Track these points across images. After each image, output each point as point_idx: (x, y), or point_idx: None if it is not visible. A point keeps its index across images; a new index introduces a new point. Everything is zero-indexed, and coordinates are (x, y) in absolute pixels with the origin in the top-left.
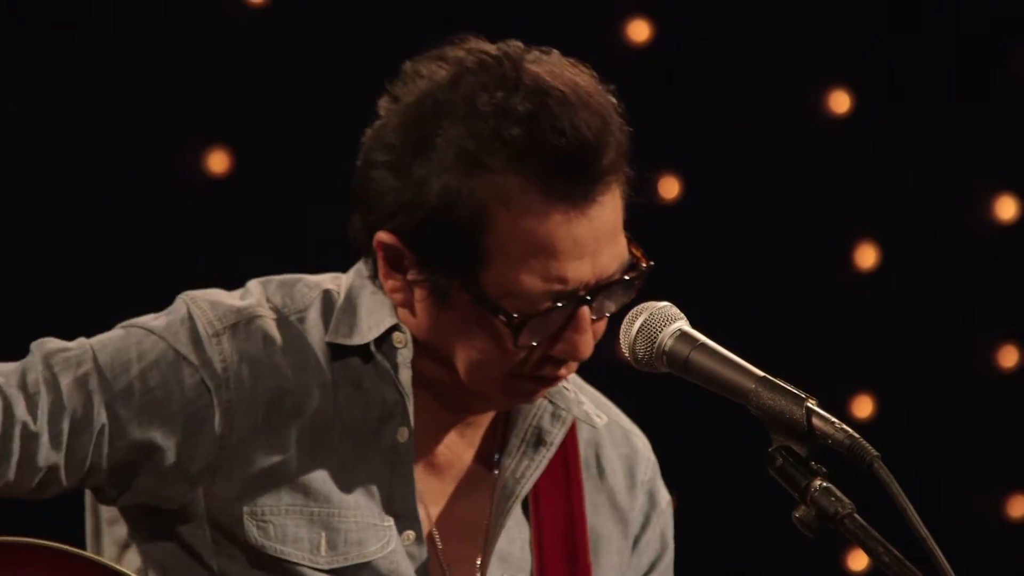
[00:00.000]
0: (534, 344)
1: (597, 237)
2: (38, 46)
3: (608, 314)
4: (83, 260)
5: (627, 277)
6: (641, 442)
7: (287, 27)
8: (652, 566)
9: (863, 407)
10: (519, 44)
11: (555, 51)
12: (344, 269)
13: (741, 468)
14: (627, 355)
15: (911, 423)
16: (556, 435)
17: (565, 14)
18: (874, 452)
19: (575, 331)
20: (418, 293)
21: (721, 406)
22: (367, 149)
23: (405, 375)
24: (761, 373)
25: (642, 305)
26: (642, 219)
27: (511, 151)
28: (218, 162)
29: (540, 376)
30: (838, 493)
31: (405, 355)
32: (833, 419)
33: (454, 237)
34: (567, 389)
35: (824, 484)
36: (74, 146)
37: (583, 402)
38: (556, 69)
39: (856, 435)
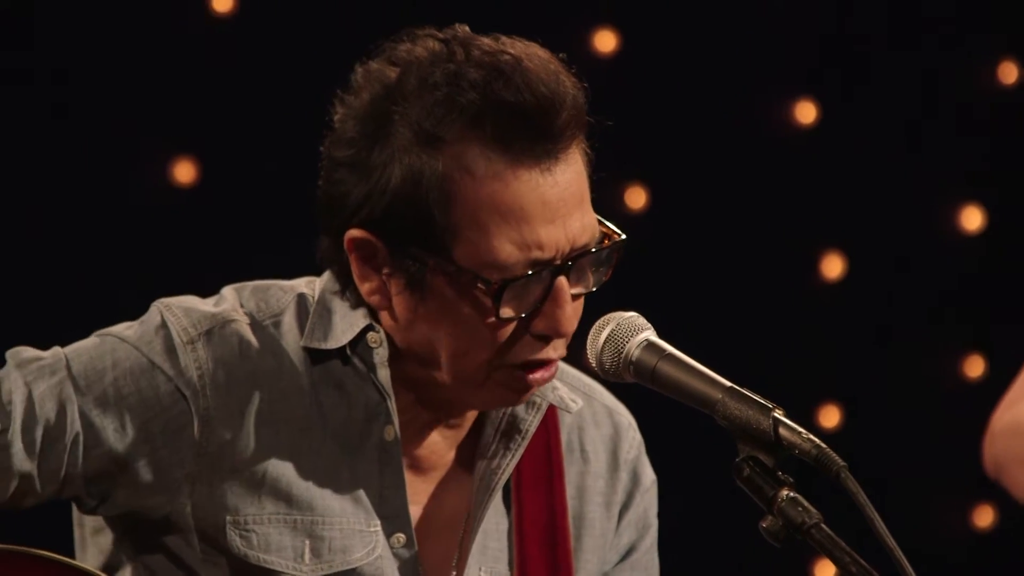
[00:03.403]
0: (514, 316)
1: (565, 199)
2: (3, 57)
3: (587, 291)
4: (52, 271)
5: (597, 250)
6: (625, 420)
7: (253, 36)
8: (633, 545)
9: (830, 417)
10: (466, 27)
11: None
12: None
13: (708, 478)
14: (594, 365)
15: (878, 433)
16: (531, 423)
17: (532, 24)
18: (841, 462)
19: (555, 304)
20: (395, 287)
21: (687, 415)
22: (327, 154)
23: (384, 374)
24: (728, 383)
25: (609, 315)
26: None
27: (467, 118)
28: (184, 172)
29: (526, 363)
30: (805, 503)
31: (381, 354)
32: (800, 429)
33: (422, 216)
34: None
35: (791, 494)
36: (41, 156)
37: (557, 387)
38: (505, 41)
39: (823, 445)
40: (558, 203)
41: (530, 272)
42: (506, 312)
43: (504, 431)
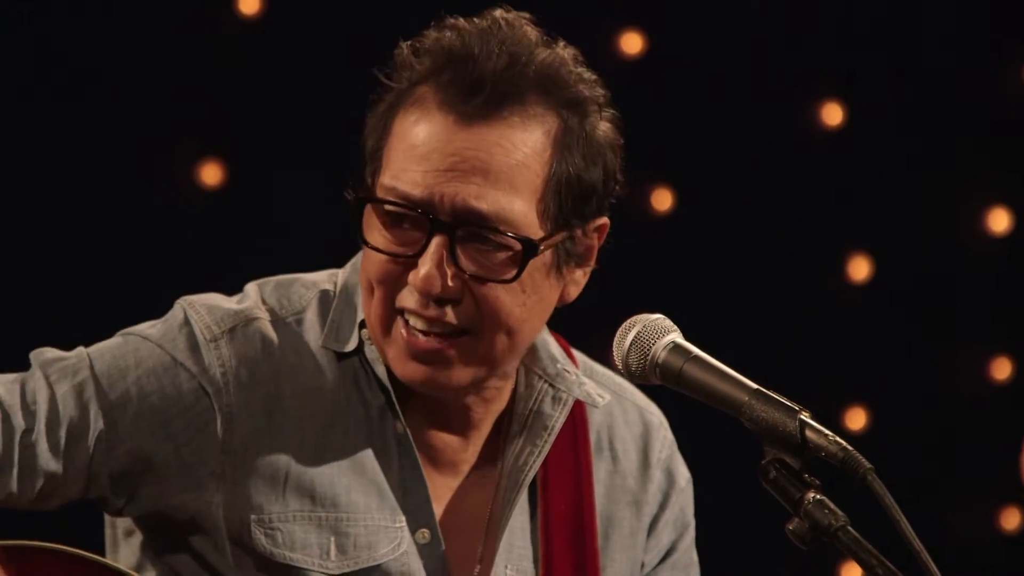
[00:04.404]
0: (376, 247)
1: (469, 160)
2: (31, 57)
3: (487, 277)
4: (78, 273)
5: (499, 230)
6: (656, 419)
7: (280, 38)
8: (674, 545)
9: (856, 419)
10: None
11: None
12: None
13: (733, 479)
14: (620, 367)
15: (904, 435)
16: (556, 419)
17: (558, 26)
18: (867, 465)
19: (425, 255)
20: None
21: (714, 418)
22: None
23: (381, 370)
24: (754, 386)
25: (636, 317)
26: (636, 231)
27: (431, 58)
28: (211, 175)
29: (405, 309)
30: (831, 506)
31: (375, 350)
32: (826, 432)
33: (373, 143)
34: (568, 372)
35: (818, 497)
36: (68, 158)
37: (584, 383)
38: (511, 19)
39: (849, 448)
40: (458, 160)
41: (392, 201)
42: (371, 238)
43: (530, 427)
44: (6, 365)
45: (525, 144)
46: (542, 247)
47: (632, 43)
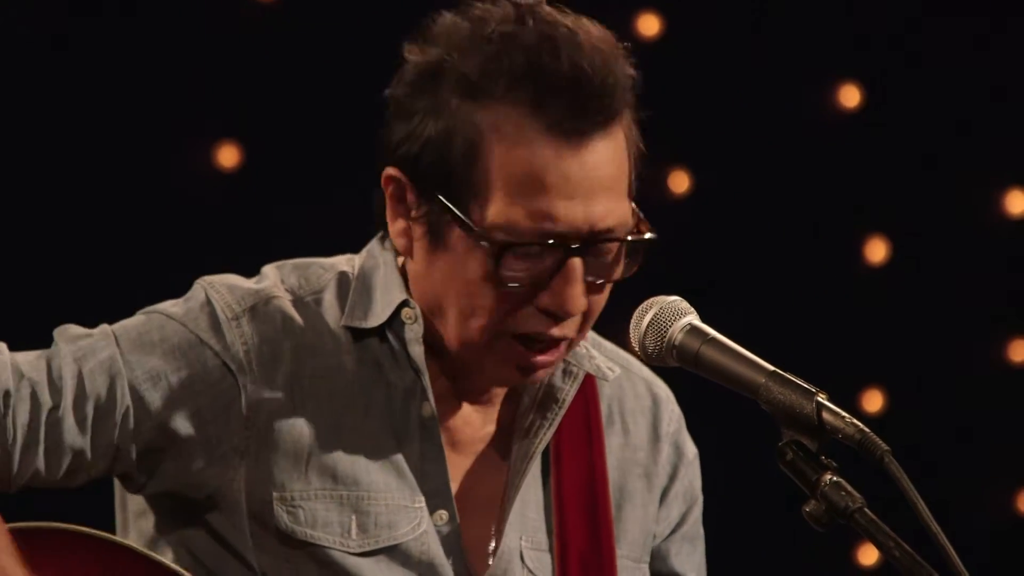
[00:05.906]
0: (517, 284)
1: (591, 179)
2: (46, 40)
3: (607, 281)
4: (95, 254)
5: (621, 239)
6: (664, 392)
7: (297, 22)
8: (683, 518)
9: (873, 401)
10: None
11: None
12: None
13: (750, 462)
14: (637, 349)
15: (921, 417)
16: (567, 392)
17: (575, 8)
18: (884, 447)
19: (564, 280)
20: (417, 231)
21: (729, 400)
22: (389, 93)
23: (417, 351)
24: (771, 367)
25: (652, 299)
26: (653, 214)
27: (510, 79)
28: (228, 157)
29: (528, 335)
30: (848, 488)
31: (416, 330)
32: (843, 413)
33: (450, 166)
34: (577, 345)
35: (834, 478)
36: (85, 142)
37: (594, 356)
38: (571, 16)
39: (866, 429)
40: (581, 181)
41: (548, 242)
42: (508, 276)
43: (541, 401)
44: (24, 346)
45: (619, 148)
46: (647, 235)
47: (649, 25)
